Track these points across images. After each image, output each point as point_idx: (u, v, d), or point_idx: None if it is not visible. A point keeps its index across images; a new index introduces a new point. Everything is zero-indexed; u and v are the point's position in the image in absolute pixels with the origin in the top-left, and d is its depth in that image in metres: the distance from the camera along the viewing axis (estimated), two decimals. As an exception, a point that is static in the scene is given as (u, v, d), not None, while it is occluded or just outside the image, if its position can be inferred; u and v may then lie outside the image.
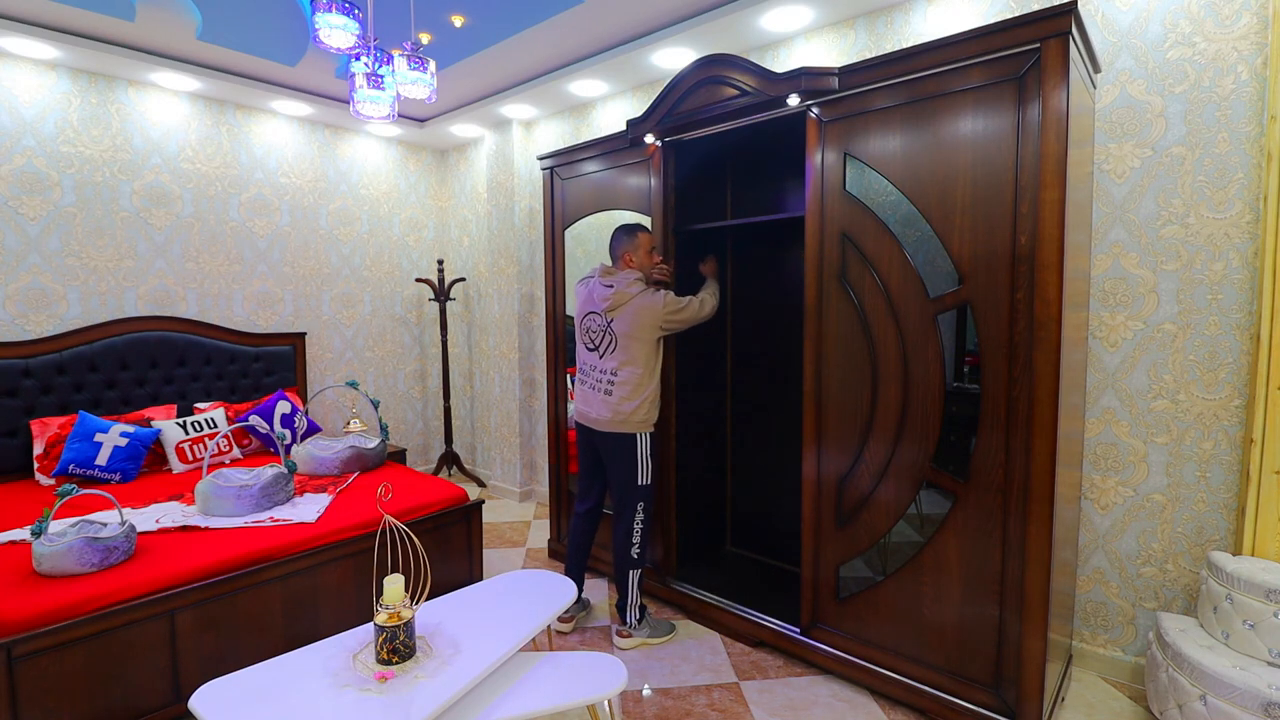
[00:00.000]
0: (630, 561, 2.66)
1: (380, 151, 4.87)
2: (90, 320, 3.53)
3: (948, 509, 2.09)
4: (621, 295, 2.60)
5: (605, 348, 2.66)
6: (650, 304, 2.58)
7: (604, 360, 2.66)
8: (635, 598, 2.67)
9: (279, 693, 1.57)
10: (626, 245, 2.69)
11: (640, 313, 2.58)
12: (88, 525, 2.24)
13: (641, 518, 2.65)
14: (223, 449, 3.53)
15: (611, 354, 2.64)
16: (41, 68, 3.37)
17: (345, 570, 2.54)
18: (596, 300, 2.66)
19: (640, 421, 2.62)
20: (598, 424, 2.67)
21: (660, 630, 2.70)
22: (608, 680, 1.77)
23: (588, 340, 2.75)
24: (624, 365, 2.61)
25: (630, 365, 2.60)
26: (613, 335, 2.63)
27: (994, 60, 1.90)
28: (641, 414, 2.61)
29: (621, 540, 2.66)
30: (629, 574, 2.66)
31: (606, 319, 2.64)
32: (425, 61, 2.32)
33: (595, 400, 2.68)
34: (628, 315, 2.59)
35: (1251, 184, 2.08)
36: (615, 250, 2.72)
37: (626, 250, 2.68)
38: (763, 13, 2.85)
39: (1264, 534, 2.02)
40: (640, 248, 2.68)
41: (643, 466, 2.64)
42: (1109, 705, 2.25)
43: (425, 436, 5.30)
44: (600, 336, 2.67)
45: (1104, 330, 2.37)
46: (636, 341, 2.59)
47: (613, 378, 2.63)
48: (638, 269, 2.67)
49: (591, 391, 2.70)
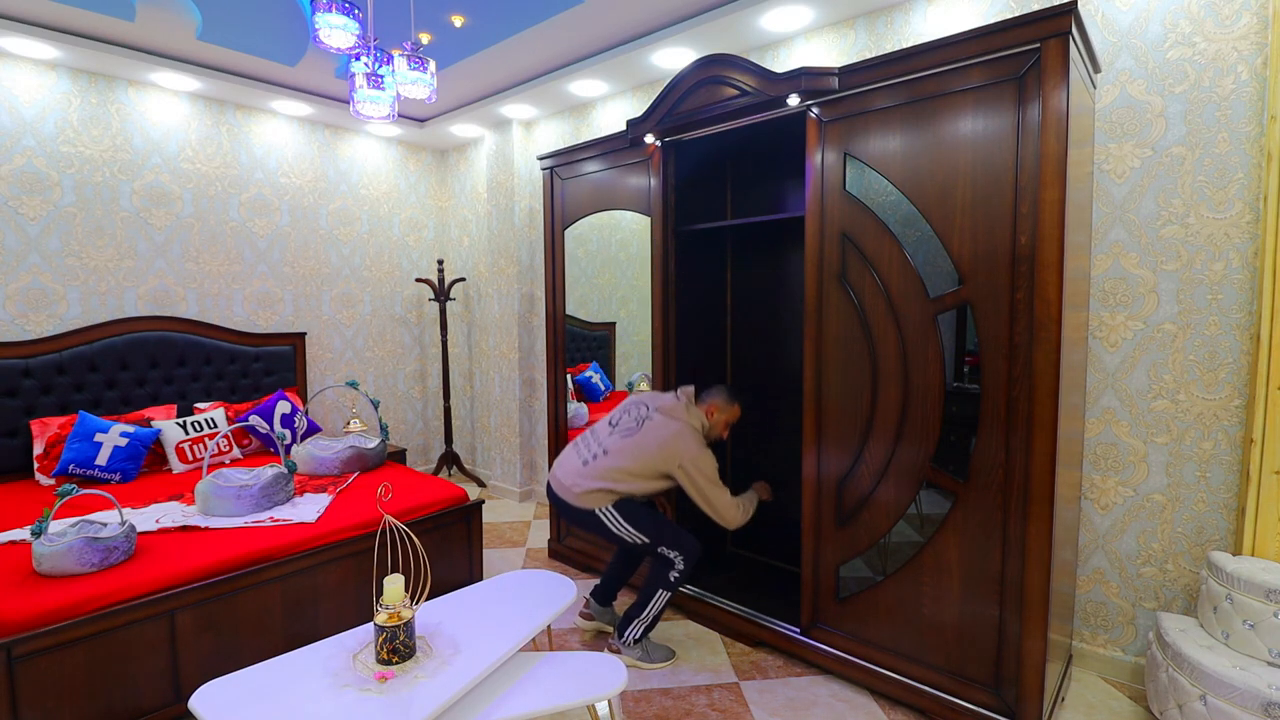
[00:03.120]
0: (665, 581, 2.46)
1: (380, 151, 4.87)
2: (90, 320, 3.53)
3: (948, 509, 2.09)
4: (680, 412, 2.50)
5: (623, 431, 2.51)
6: (690, 445, 2.42)
7: (610, 438, 2.52)
8: (650, 618, 2.49)
9: (279, 693, 1.57)
10: (720, 400, 2.58)
11: (678, 438, 2.42)
12: (88, 525, 2.24)
13: (680, 559, 2.45)
14: (223, 449, 3.53)
15: (623, 438, 2.49)
16: (41, 68, 3.37)
17: (345, 570, 2.54)
18: (659, 400, 2.57)
19: (596, 498, 2.43)
20: (559, 489, 2.52)
21: (655, 655, 2.53)
22: (608, 680, 1.77)
23: (614, 416, 2.62)
24: (622, 455, 2.45)
25: (625, 459, 2.44)
26: (639, 429, 2.48)
27: (994, 60, 1.90)
28: (593, 498, 2.43)
29: (662, 565, 2.49)
30: (658, 591, 2.47)
31: (646, 415, 2.52)
32: (425, 61, 2.32)
33: (569, 463, 2.55)
34: (667, 427, 2.45)
35: (1251, 184, 2.08)
36: (707, 395, 2.61)
37: (717, 404, 2.57)
38: (763, 13, 2.85)
39: (1264, 534, 2.02)
40: (728, 414, 2.58)
41: (627, 533, 2.44)
42: (1109, 705, 2.25)
43: (425, 436, 5.30)
44: (629, 420, 2.54)
45: (1104, 330, 2.37)
46: (648, 454, 2.43)
47: (601, 454, 2.49)
48: (711, 422, 2.55)
49: (573, 453, 2.59)
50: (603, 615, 2.76)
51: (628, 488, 2.44)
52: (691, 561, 2.46)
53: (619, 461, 2.45)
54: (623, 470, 2.43)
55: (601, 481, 2.43)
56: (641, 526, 2.44)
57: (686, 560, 2.45)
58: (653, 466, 2.44)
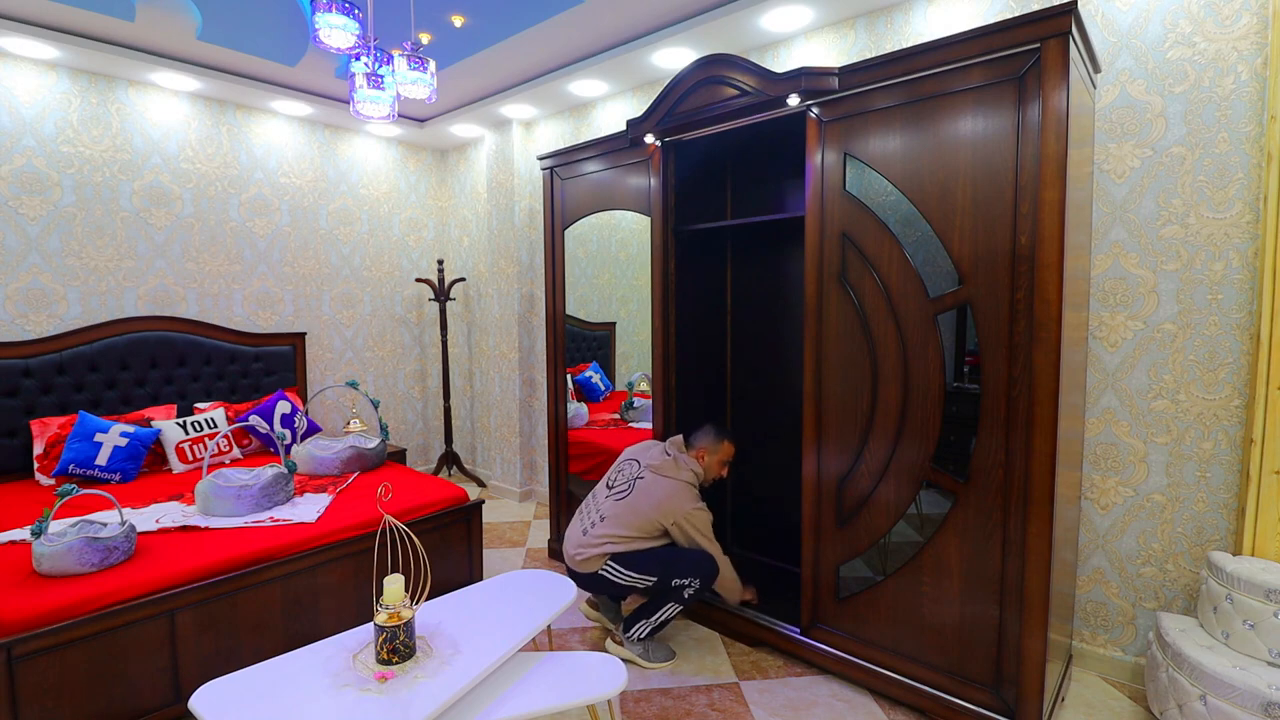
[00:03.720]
0: (679, 596, 2.46)
1: (380, 151, 4.87)
2: (90, 320, 3.53)
3: (948, 509, 2.09)
4: (671, 468, 2.53)
5: (618, 493, 2.56)
6: (683, 501, 2.46)
7: (606, 502, 2.57)
8: (658, 622, 2.50)
9: (279, 693, 1.57)
10: (708, 443, 2.60)
11: (670, 496, 2.46)
12: (88, 525, 2.24)
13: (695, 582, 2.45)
14: (223, 449, 3.53)
15: (617, 501, 2.53)
16: (41, 68, 3.37)
17: (345, 570, 2.54)
18: (649, 454, 2.61)
19: (591, 563, 2.47)
20: (567, 559, 2.55)
21: (655, 655, 2.54)
22: (608, 680, 1.77)
23: (609, 477, 2.67)
24: (615, 519, 2.48)
25: (618, 525, 2.47)
26: (631, 491, 2.53)
27: (994, 60, 1.90)
28: (594, 562, 2.46)
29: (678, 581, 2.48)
30: (668, 602, 2.47)
31: (638, 471, 2.56)
32: (425, 61, 2.32)
33: (573, 534, 2.57)
34: (658, 486, 2.49)
35: (1251, 184, 2.08)
36: (695, 439, 2.63)
37: (706, 447, 2.60)
38: (763, 13, 2.85)
39: (1264, 534, 2.02)
40: (719, 454, 2.60)
41: (638, 576, 2.45)
42: (1109, 705, 2.25)
43: (425, 436, 5.30)
44: (622, 481, 2.59)
45: (1104, 330, 2.37)
46: (640, 516, 2.46)
47: (598, 520, 2.52)
48: (703, 467, 2.58)
49: (576, 522, 2.62)
50: (609, 609, 2.77)
51: (629, 548, 2.46)
52: (708, 582, 2.48)
53: (616, 528, 2.48)
54: (620, 536, 2.47)
55: (602, 547, 2.46)
56: (646, 568, 2.45)
57: (702, 582, 2.46)
58: (650, 526, 2.47)
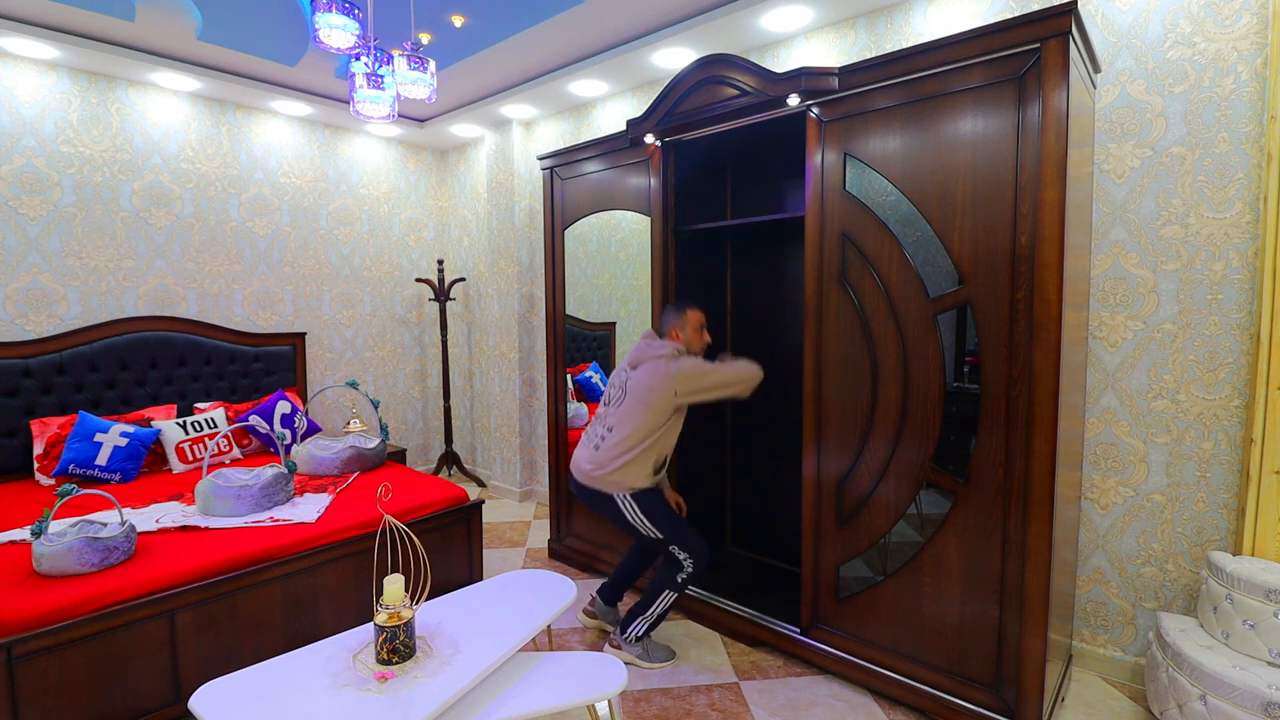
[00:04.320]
0: (673, 583, 2.46)
1: (380, 151, 4.87)
2: (90, 320, 3.53)
3: (948, 509, 2.09)
4: (649, 354, 2.49)
5: (614, 401, 2.53)
6: (666, 367, 2.41)
7: (607, 415, 2.53)
8: (654, 616, 2.49)
9: (279, 693, 1.57)
10: (675, 321, 2.55)
11: (654, 373, 2.41)
12: (88, 525, 2.24)
13: (689, 563, 2.45)
14: (223, 449, 3.53)
15: (616, 409, 2.49)
16: (41, 68, 3.37)
17: (345, 570, 2.54)
18: (630, 357, 2.57)
19: (613, 482, 2.44)
20: (577, 474, 2.55)
21: (655, 655, 2.53)
22: (608, 680, 1.77)
23: (605, 398, 2.62)
24: (621, 422, 2.45)
25: (626, 425, 2.43)
26: (624, 392, 2.49)
27: (994, 60, 1.90)
28: (616, 474, 2.43)
29: (671, 565, 2.49)
30: (665, 591, 2.47)
31: (627, 375, 2.52)
32: (425, 61, 2.32)
33: (583, 452, 2.56)
34: (643, 373, 2.45)
35: (1251, 184, 2.08)
36: (663, 326, 2.60)
37: (674, 326, 2.54)
38: (763, 13, 2.85)
39: (1264, 534, 2.02)
40: (688, 324, 2.54)
41: (643, 524, 2.45)
42: (1109, 705, 2.25)
43: (425, 436, 5.30)
44: (616, 391, 2.55)
45: (1104, 330, 2.37)
46: (642, 405, 2.41)
47: (606, 433, 2.49)
48: (681, 343, 2.52)
49: (584, 442, 2.59)
50: (606, 614, 2.76)
51: (646, 454, 2.43)
52: (701, 566, 2.46)
53: (627, 430, 2.43)
54: (634, 437, 2.42)
55: (620, 458, 2.42)
56: (656, 521, 2.45)
57: (696, 564, 2.45)
58: (659, 413, 2.41)
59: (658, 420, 2.43)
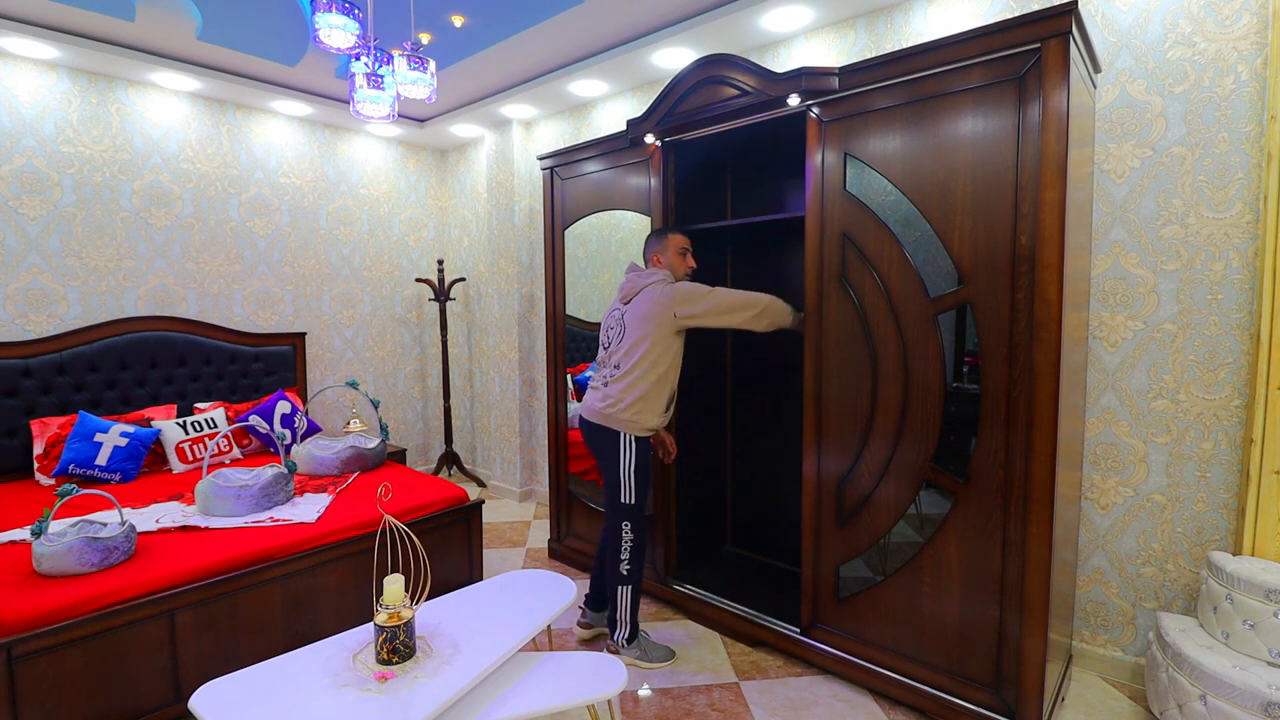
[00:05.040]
0: (619, 577, 2.49)
1: (380, 151, 4.87)
2: (90, 320, 3.53)
3: (948, 509, 2.09)
4: (640, 282, 2.48)
5: (615, 338, 2.51)
6: (662, 290, 2.40)
7: (611, 355, 2.51)
8: (625, 616, 2.51)
9: (279, 693, 1.57)
10: (656, 247, 2.57)
11: (649, 299, 2.40)
12: (88, 525, 2.24)
13: (630, 538, 2.49)
14: (223, 449, 3.53)
15: (618, 345, 2.48)
16: (41, 68, 3.37)
17: (345, 570, 2.54)
18: (620, 294, 2.55)
19: (626, 420, 2.42)
20: (587, 413, 2.53)
21: (654, 655, 2.52)
22: (608, 680, 1.77)
23: (604, 338, 2.60)
24: (627, 356, 2.43)
25: (632, 357, 2.41)
26: (623, 326, 2.48)
27: (994, 60, 1.90)
28: (629, 411, 2.41)
29: (612, 554, 2.52)
30: (618, 589, 2.51)
31: (621, 311, 2.51)
32: (425, 61, 2.32)
33: (593, 394, 2.55)
34: (638, 303, 2.44)
35: (1251, 184, 2.08)
36: (646, 253, 2.61)
37: (656, 251, 2.56)
38: (763, 13, 2.85)
39: (1264, 534, 2.02)
40: (669, 248, 2.54)
41: (626, 479, 2.46)
42: (1109, 705, 2.25)
43: (425, 436, 5.30)
44: (614, 330, 2.53)
45: (1104, 330, 2.37)
46: (644, 334, 2.39)
47: (614, 370, 2.47)
48: (667, 270, 2.53)
49: (592, 386, 2.58)
50: (598, 619, 2.75)
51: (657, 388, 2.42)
52: (639, 547, 2.50)
53: (634, 361, 2.41)
54: (642, 367, 2.40)
55: (633, 391, 2.41)
56: (638, 483, 2.47)
57: (633, 552, 2.48)
58: (661, 341, 2.40)
59: (662, 349, 2.41)
